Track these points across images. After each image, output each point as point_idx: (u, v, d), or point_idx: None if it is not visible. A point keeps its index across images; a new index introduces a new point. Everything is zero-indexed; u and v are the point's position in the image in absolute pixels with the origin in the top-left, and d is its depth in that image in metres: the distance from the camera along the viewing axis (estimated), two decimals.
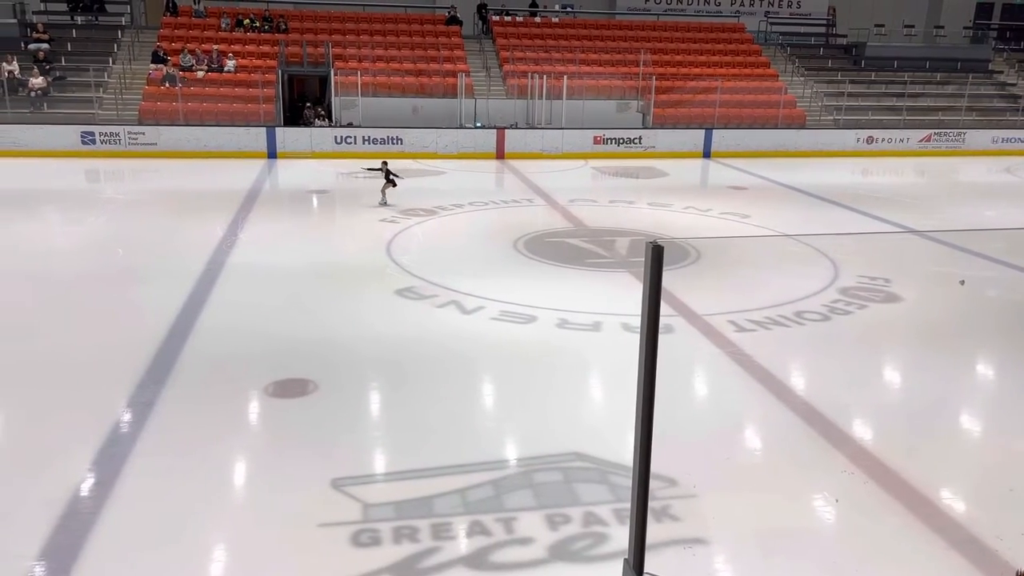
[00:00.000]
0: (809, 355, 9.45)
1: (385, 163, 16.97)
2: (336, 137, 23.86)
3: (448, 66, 26.47)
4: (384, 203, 16.24)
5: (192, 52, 25.22)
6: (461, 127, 24.68)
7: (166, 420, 7.30)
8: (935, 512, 6.05)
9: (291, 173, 21.46)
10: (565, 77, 25.36)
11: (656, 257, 2.23)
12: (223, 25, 27.06)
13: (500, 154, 24.37)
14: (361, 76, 24.71)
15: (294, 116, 26.22)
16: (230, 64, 25.19)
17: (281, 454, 6.76)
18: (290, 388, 8.00)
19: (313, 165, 22.50)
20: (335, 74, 25.05)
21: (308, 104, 25.88)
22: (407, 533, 5.63)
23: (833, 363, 9.19)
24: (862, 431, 7.39)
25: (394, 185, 16.68)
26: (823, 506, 6.14)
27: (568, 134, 24.89)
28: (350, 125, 24.40)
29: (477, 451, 6.79)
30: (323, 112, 25.41)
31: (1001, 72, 31.09)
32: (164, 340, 9.17)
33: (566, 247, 13.96)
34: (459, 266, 12.59)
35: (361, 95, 24.62)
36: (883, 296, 11.36)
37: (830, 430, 7.34)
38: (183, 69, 24.63)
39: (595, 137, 25.05)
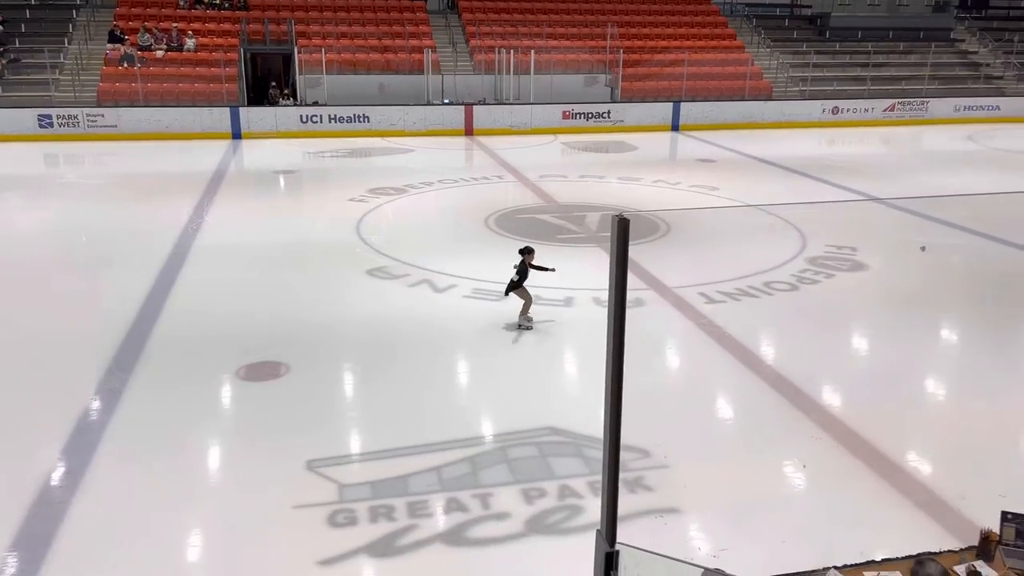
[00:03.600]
0: (778, 325, 9.57)
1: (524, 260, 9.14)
2: (302, 116, 23.53)
3: (414, 42, 26.16)
4: (528, 325, 9.09)
5: (150, 31, 24.65)
6: (429, 104, 24.46)
7: (136, 407, 7.21)
8: (902, 475, 6.19)
9: (257, 154, 21.15)
10: (532, 52, 25.20)
11: (622, 230, 2.23)
12: (181, 3, 26.45)
13: (469, 130, 24.21)
14: (326, 54, 24.34)
15: (258, 96, 25.77)
16: (190, 43, 24.66)
17: (254, 437, 6.73)
18: (262, 371, 7.94)
19: (279, 145, 22.18)
20: (299, 52, 24.64)
21: (273, 83, 25.47)
22: (384, 512, 5.64)
23: (802, 332, 9.31)
24: (831, 398, 7.52)
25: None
26: (793, 472, 6.25)
27: (537, 109, 24.78)
28: (316, 104, 24.06)
29: (452, 429, 6.80)
30: (288, 91, 25.01)
31: (963, 41, 31.44)
32: (131, 326, 9.04)
33: (537, 223, 13.95)
34: (430, 244, 12.54)
35: (326, 73, 24.26)
36: (850, 265, 11.52)
37: (799, 398, 7.46)
38: (142, 49, 24.07)
39: (564, 112, 24.97)
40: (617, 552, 2.83)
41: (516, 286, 8.94)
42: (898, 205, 15.08)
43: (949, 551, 4.03)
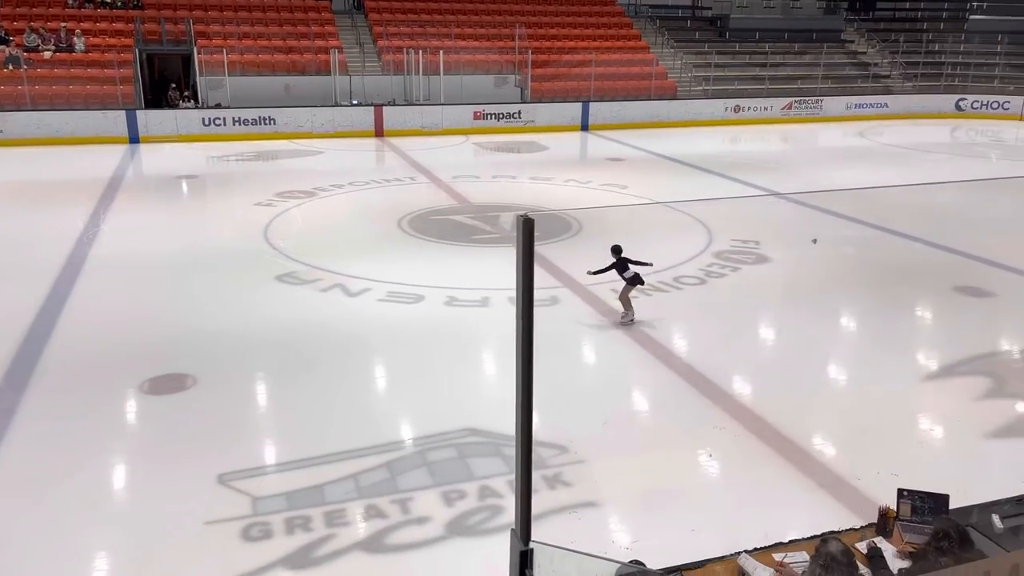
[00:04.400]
0: (688, 318, 9.82)
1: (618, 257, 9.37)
2: (204, 119, 22.75)
3: (320, 42, 25.68)
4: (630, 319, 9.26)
5: (37, 31, 23.37)
6: (337, 105, 24.06)
7: (30, 427, 6.82)
8: (805, 458, 6.45)
9: (157, 158, 20.34)
10: (441, 52, 25.12)
11: (527, 230, 2.24)
12: (71, 2, 25.18)
13: (379, 132, 23.94)
14: (228, 54, 23.62)
15: (157, 98, 24.79)
16: (79, 43, 23.51)
17: (161, 454, 6.46)
18: (167, 384, 7.63)
19: (180, 149, 21.40)
20: (198, 53, 23.83)
21: (172, 85, 24.54)
22: (300, 523, 5.51)
23: (711, 324, 9.59)
24: (738, 387, 7.77)
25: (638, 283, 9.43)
26: (705, 461, 6.43)
27: (448, 110, 24.71)
28: (218, 106, 23.31)
29: (370, 435, 6.71)
30: (188, 93, 24.16)
31: (852, 41, 33.02)
32: (22, 342, 8.55)
33: (451, 224, 13.91)
34: (342, 248, 12.33)
35: (228, 74, 23.54)
36: (754, 258, 11.93)
37: (709, 388, 7.68)
38: (28, 50, 22.80)
39: (475, 112, 24.98)
40: (531, 550, 2.84)
41: (637, 281, 9.14)
42: (797, 199, 15.72)
43: (851, 529, 4.23)
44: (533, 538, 2.77)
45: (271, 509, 5.67)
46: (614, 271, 9.20)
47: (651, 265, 9.46)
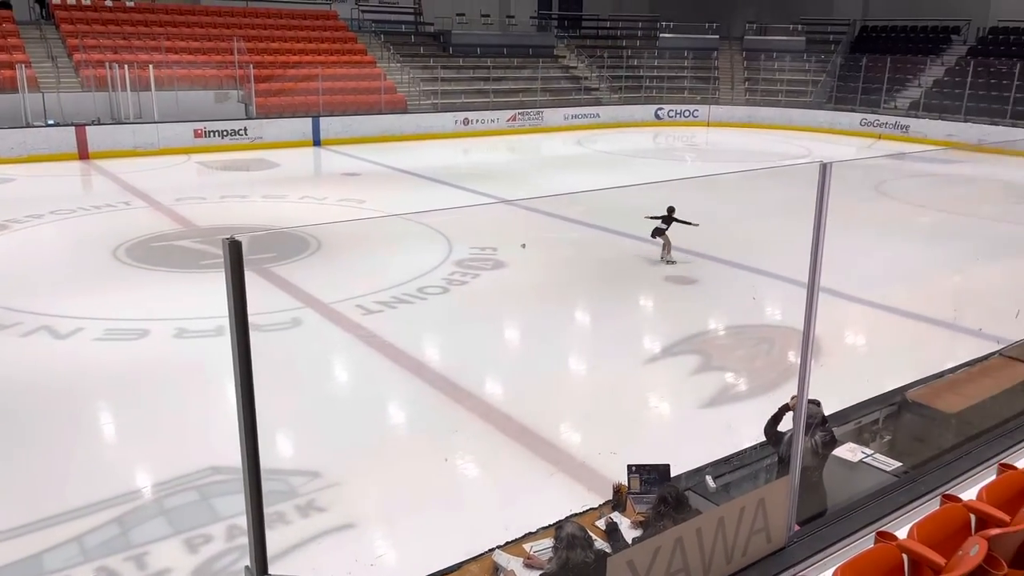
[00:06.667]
0: (434, 327, 9.99)
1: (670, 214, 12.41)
2: None
3: (3, 56, 22.65)
4: (671, 260, 12.33)
5: None
6: (29, 126, 21.33)
7: None
8: (549, 448, 6.83)
9: None
10: (151, 67, 23.27)
11: (235, 252, 2.14)
12: None
13: (84, 154, 21.61)
14: None
15: None
16: None
17: None
18: None
19: None
20: None
21: None
22: None
23: (456, 331, 9.84)
24: (488, 388, 8.05)
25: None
26: (460, 464, 6.57)
27: (163, 128, 22.95)
28: None
29: (96, 490, 6.02)
30: None
31: (564, 57, 35.65)
32: None
33: (176, 250, 12.93)
34: (45, 286, 10.96)
35: None
36: (492, 264, 12.43)
37: (459, 393, 7.86)
38: None
39: (196, 130, 23.45)
40: None
41: (662, 232, 12.19)
42: (526, 205, 16.62)
43: (590, 509, 4.54)
44: (272, 572, 2.65)
45: None
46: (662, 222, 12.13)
47: (697, 226, 12.15)
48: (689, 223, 12.13)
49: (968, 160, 24.35)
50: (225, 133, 23.93)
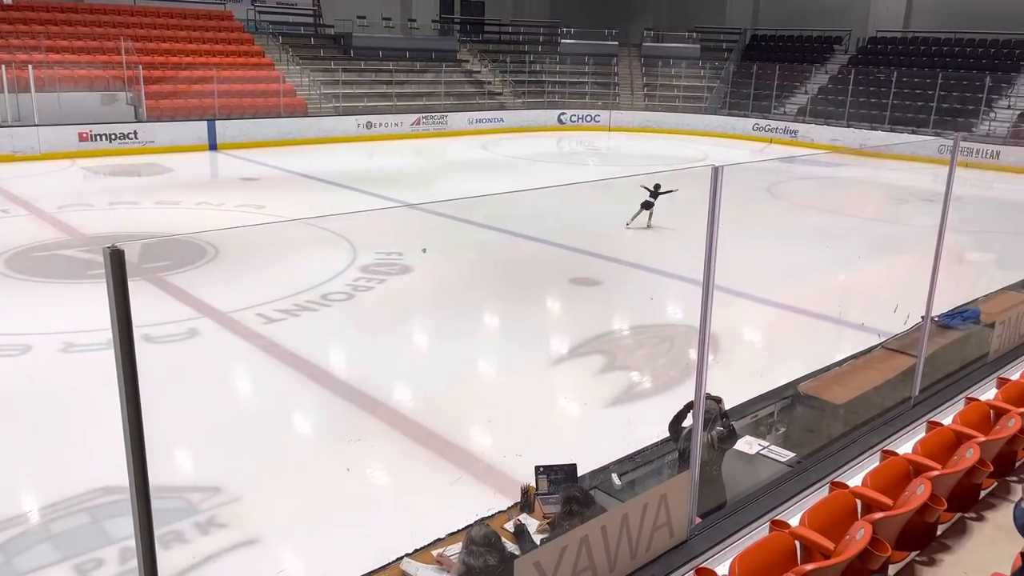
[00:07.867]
0: (339, 334, 9.81)
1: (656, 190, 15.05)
2: None
3: None
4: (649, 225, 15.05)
5: None
6: None
7: None
8: (458, 453, 6.82)
9: None
10: (31, 67, 21.97)
11: (117, 262, 2.04)
12: None
13: None
14: None
15: None
16: None
17: None
18: None
19: None
20: None
21: None
22: None
23: (362, 338, 9.69)
24: (396, 395, 7.96)
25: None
26: (369, 474, 6.48)
27: (45, 131, 21.71)
28: None
29: None
30: None
31: (467, 61, 35.69)
32: None
33: (60, 260, 12.24)
34: None
35: None
36: (398, 268, 12.31)
37: (364, 400, 7.75)
38: None
39: (80, 134, 22.29)
40: None
41: (651, 205, 14.76)
42: (432, 209, 16.54)
43: (500, 511, 4.55)
44: None
45: None
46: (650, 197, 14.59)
47: (677, 191, 14.87)
48: (671, 191, 14.88)
49: (851, 163, 25.77)
50: (113, 137, 22.86)
